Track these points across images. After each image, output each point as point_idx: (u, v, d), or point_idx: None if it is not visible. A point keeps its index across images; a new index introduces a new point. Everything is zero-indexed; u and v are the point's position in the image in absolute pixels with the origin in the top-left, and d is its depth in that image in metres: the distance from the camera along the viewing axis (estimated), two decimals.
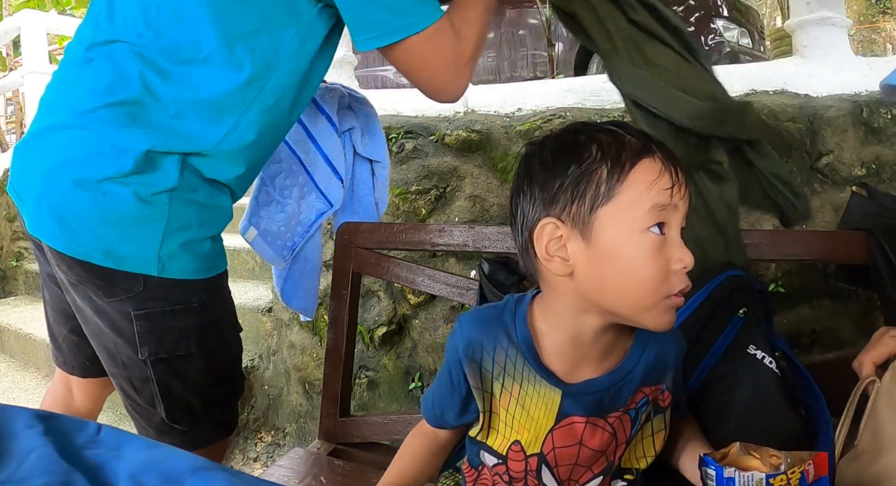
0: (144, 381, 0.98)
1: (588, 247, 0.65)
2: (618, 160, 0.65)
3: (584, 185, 0.65)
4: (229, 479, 0.38)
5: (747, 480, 0.61)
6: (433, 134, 2.23)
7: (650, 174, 0.65)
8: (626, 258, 0.64)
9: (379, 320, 2.11)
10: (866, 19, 11.32)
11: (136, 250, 0.90)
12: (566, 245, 0.66)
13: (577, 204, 0.65)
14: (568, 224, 0.66)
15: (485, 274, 1.19)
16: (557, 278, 0.68)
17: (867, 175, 1.92)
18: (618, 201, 0.64)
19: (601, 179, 0.65)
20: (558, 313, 0.71)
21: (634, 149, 0.66)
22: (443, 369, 0.77)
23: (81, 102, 0.90)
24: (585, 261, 0.66)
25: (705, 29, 4.15)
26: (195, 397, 1.01)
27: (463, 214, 2.09)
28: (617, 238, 0.64)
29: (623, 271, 0.64)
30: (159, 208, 0.90)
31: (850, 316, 1.74)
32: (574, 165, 0.66)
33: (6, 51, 7.07)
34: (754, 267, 1.81)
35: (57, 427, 0.41)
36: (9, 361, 3.02)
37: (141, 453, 0.40)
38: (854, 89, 2.06)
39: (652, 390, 0.74)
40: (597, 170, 0.65)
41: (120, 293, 0.92)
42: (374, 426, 1.36)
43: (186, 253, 0.94)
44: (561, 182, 0.66)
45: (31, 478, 0.36)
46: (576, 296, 0.68)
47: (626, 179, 0.65)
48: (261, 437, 2.32)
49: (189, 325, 0.96)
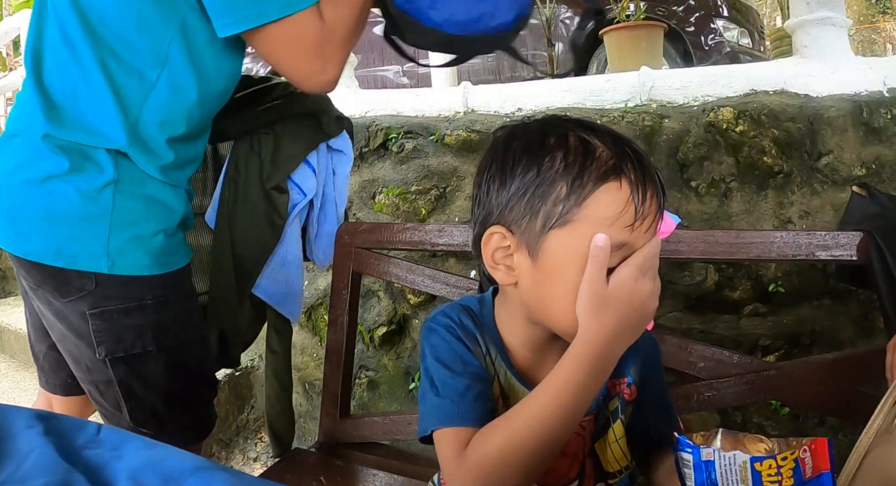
0: (108, 384, 0.98)
1: (533, 264, 0.61)
2: (580, 178, 0.58)
3: (539, 199, 0.60)
4: (229, 479, 0.38)
5: (729, 462, 0.53)
6: (433, 134, 2.23)
7: (613, 205, 0.58)
8: (567, 285, 0.59)
9: (379, 320, 2.11)
10: (866, 19, 11.32)
11: (84, 247, 0.90)
12: (513, 255, 0.62)
13: (529, 219, 0.60)
14: (517, 236, 0.61)
15: (484, 274, 1.19)
16: (506, 286, 0.66)
17: (867, 175, 1.92)
18: (573, 228, 0.59)
19: (559, 197, 0.59)
20: (511, 317, 0.69)
21: (602, 168, 0.59)
22: (430, 367, 0.68)
23: (26, 108, 0.94)
24: (529, 276, 0.62)
25: (705, 29, 4.15)
26: (158, 400, 1.00)
27: (463, 214, 2.09)
28: (564, 265, 0.59)
29: (562, 296, 0.60)
30: (103, 204, 0.90)
31: (850, 316, 1.74)
32: (533, 171, 0.60)
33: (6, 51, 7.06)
34: (754, 267, 1.81)
35: (57, 427, 0.41)
36: (9, 361, 3.02)
37: (141, 453, 0.40)
38: (854, 89, 2.06)
39: (616, 384, 0.72)
40: (555, 184, 0.59)
41: (74, 293, 0.92)
42: (374, 425, 1.36)
43: (136, 249, 0.93)
44: (517, 188, 0.61)
45: (31, 478, 0.36)
46: (521, 304, 0.65)
47: (584, 203, 0.58)
48: (261, 437, 2.32)
49: (145, 323, 0.96)
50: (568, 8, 4.42)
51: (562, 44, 4.41)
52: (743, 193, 1.94)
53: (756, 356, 1.68)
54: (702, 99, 2.14)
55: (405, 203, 2.14)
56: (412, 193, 2.14)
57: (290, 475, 1.21)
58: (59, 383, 1.15)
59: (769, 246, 1.08)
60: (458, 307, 0.72)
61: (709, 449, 0.54)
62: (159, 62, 0.92)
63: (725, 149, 1.97)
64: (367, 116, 2.41)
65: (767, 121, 1.96)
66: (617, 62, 3.32)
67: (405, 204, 2.13)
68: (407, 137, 2.26)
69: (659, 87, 2.20)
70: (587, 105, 2.28)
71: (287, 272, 1.36)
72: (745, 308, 1.82)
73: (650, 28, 3.37)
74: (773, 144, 1.93)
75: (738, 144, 1.96)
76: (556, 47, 4.31)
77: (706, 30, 4.15)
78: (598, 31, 3.68)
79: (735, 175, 1.95)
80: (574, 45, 4.33)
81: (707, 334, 1.80)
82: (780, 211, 1.91)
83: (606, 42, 3.47)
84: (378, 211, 2.19)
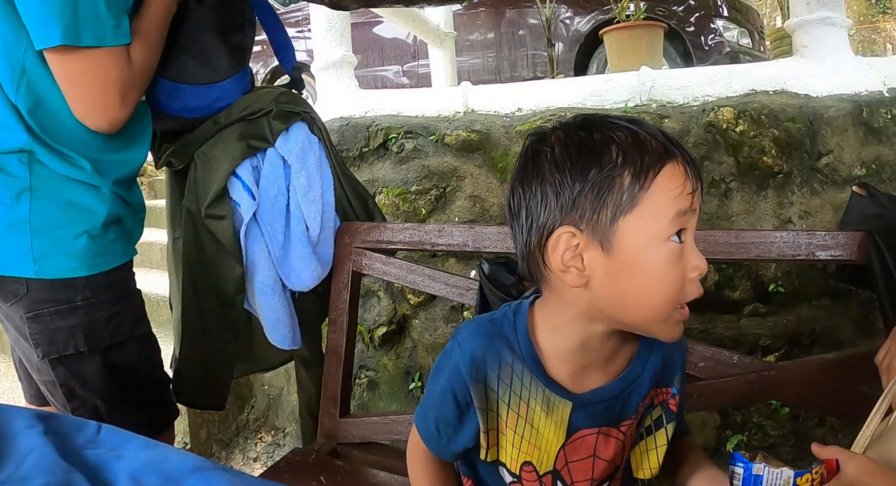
0: (53, 384, 1.01)
1: (607, 258, 0.61)
2: (641, 166, 0.61)
3: (605, 192, 0.61)
4: (229, 479, 0.38)
5: (776, 477, 0.59)
6: (433, 134, 2.23)
7: (674, 181, 0.61)
8: (647, 270, 0.61)
9: (379, 320, 2.11)
10: (866, 19, 11.31)
11: (12, 253, 0.94)
12: (582, 255, 0.62)
13: (598, 213, 0.61)
14: (587, 233, 0.62)
15: (485, 274, 1.19)
16: (569, 289, 0.64)
17: (867, 175, 1.92)
18: (641, 210, 0.60)
19: (623, 186, 0.60)
20: (566, 321, 0.68)
21: (657, 153, 0.62)
22: (442, 391, 0.72)
23: None
24: (603, 272, 0.62)
25: (705, 29, 4.15)
26: (98, 400, 1.02)
27: (463, 214, 2.09)
28: (640, 250, 0.61)
29: (642, 284, 0.61)
30: (20, 211, 0.94)
31: (850, 316, 1.74)
32: (595, 169, 0.61)
33: None
34: (754, 267, 1.81)
35: (57, 427, 0.41)
36: (9, 361, 3.02)
37: (141, 453, 0.40)
38: (854, 89, 2.06)
39: (660, 393, 0.72)
40: (619, 176, 0.61)
41: (11, 298, 0.96)
42: (374, 425, 1.36)
43: (58, 252, 0.96)
44: (581, 188, 0.61)
45: (31, 478, 0.36)
46: (588, 306, 0.65)
47: (650, 186, 0.60)
48: (261, 437, 2.32)
49: (77, 324, 0.98)
50: (568, 8, 4.43)
51: (562, 44, 4.41)
52: (743, 193, 1.94)
53: (756, 356, 1.68)
54: (702, 99, 2.14)
55: (405, 203, 2.13)
56: (412, 193, 2.14)
57: (290, 475, 1.21)
58: (33, 392, 1.17)
59: (769, 246, 1.08)
60: (489, 331, 0.71)
61: (759, 465, 0.60)
62: (14, 70, 0.93)
63: (725, 149, 1.97)
64: (367, 116, 2.40)
65: (767, 121, 1.96)
66: (617, 62, 3.32)
67: (405, 204, 2.13)
68: (407, 137, 2.25)
69: (659, 87, 2.20)
70: (587, 105, 2.27)
71: (259, 301, 1.32)
72: (744, 308, 1.82)
73: (650, 28, 3.37)
74: (773, 144, 1.93)
75: (738, 144, 1.96)
76: (556, 47, 4.31)
77: (706, 30, 4.15)
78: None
79: (735, 175, 1.95)
80: (575, 45, 4.33)
81: (707, 334, 1.80)
82: (780, 211, 1.91)
83: (606, 42, 3.47)
84: None
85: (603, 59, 3.91)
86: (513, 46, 4.74)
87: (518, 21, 4.72)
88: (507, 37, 4.75)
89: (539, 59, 4.61)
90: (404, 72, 5.09)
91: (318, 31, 2.72)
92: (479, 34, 4.81)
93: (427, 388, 0.75)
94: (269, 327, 1.34)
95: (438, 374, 0.73)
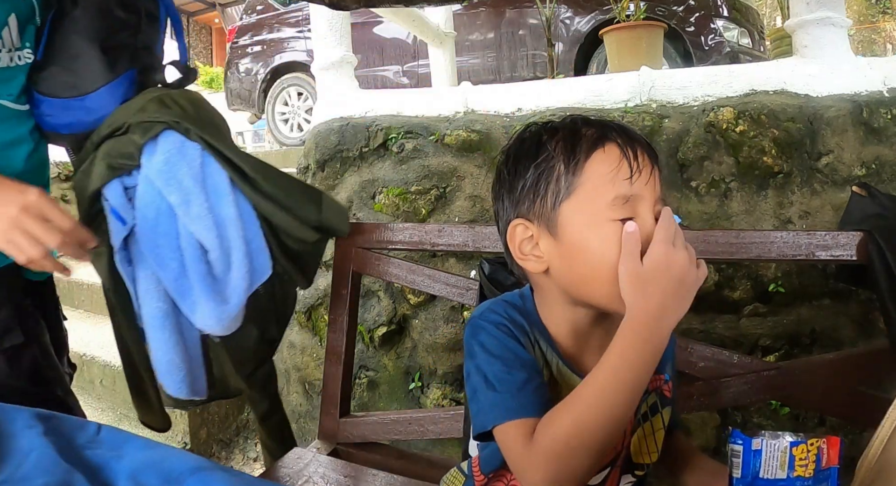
0: None
1: (557, 243, 0.67)
2: (573, 153, 0.66)
3: (544, 182, 0.67)
4: (229, 479, 0.38)
5: (773, 449, 0.61)
6: (433, 134, 2.23)
7: (607, 165, 0.65)
8: (593, 250, 0.65)
9: (379, 320, 2.11)
10: (866, 19, 11.31)
11: None
12: (538, 243, 0.68)
13: (541, 201, 0.67)
14: (535, 222, 0.68)
15: (485, 274, 1.19)
16: (538, 276, 0.70)
17: (867, 175, 1.92)
18: (579, 194, 0.66)
19: (559, 174, 0.67)
20: (552, 307, 0.72)
21: (590, 140, 0.67)
22: (498, 347, 0.68)
23: None
24: (558, 256, 0.67)
25: (705, 29, 4.15)
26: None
27: (463, 214, 2.09)
28: (582, 231, 0.65)
29: (592, 263, 0.65)
30: None
31: (850, 316, 1.74)
32: (533, 163, 0.68)
33: None
34: (754, 267, 1.81)
35: (57, 427, 0.41)
36: None
37: (141, 453, 0.40)
38: (854, 89, 2.06)
39: (654, 380, 0.74)
40: (555, 165, 0.67)
41: None
42: (374, 425, 1.36)
43: None
44: (524, 181, 0.69)
45: (31, 478, 0.36)
46: (559, 291, 0.70)
47: (582, 171, 0.66)
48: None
49: None
50: (568, 8, 4.43)
51: (562, 44, 4.42)
52: (743, 193, 1.94)
53: (756, 356, 1.68)
54: (702, 99, 2.14)
55: (405, 203, 2.13)
56: (412, 193, 2.14)
57: (290, 475, 1.21)
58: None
59: (769, 246, 1.08)
60: (503, 303, 0.75)
61: (757, 439, 0.61)
62: None
63: (725, 149, 1.97)
64: (366, 116, 2.40)
65: (767, 121, 1.96)
66: (617, 62, 3.32)
67: (405, 204, 2.13)
68: (407, 137, 2.25)
69: (659, 87, 2.20)
70: (587, 105, 2.27)
71: (148, 337, 1.18)
72: (744, 308, 1.82)
73: (650, 28, 3.37)
74: (773, 144, 1.93)
75: (738, 144, 1.96)
76: (556, 47, 4.31)
77: (706, 30, 4.15)
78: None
79: (735, 175, 1.95)
80: (575, 45, 4.33)
81: (707, 333, 1.80)
82: (780, 211, 1.91)
83: (606, 42, 3.47)
84: (378, 211, 2.19)
85: (603, 60, 3.91)
86: (513, 46, 4.75)
87: (518, 21, 4.73)
88: (507, 37, 4.75)
89: (539, 59, 4.61)
90: (404, 72, 5.10)
91: (318, 31, 2.72)
92: (479, 34, 4.81)
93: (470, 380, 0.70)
94: (159, 370, 1.18)
95: (473, 357, 0.69)
